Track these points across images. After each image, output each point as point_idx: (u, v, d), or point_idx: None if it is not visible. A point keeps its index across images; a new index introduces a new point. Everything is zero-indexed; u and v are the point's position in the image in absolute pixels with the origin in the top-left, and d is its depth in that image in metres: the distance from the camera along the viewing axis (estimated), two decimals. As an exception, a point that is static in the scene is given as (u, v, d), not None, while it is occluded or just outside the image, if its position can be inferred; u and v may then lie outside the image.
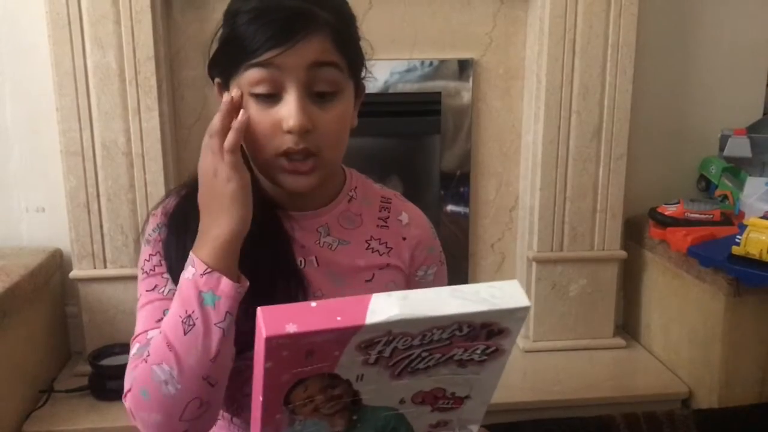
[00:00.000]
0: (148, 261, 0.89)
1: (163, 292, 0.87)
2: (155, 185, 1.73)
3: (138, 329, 0.88)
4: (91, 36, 1.65)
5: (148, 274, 0.89)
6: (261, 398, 0.62)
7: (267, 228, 0.87)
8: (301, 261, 0.90)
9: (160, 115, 1.71)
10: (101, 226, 1.74)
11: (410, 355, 0.64)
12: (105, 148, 1.70)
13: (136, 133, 1.71)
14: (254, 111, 0.82)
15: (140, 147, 1.71)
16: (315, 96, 0.83)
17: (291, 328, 0.57)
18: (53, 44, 1.65)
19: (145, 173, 1.73)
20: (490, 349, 0.67)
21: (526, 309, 0.64)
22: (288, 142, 0.82)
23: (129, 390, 0.83)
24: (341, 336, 0.59)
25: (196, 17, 1.78)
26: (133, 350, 0.87)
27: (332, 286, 0.91)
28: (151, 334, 0.85)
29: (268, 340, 0.57)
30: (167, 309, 0.82)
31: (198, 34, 1.77)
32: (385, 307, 0.60)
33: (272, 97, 0.82)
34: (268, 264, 0.87)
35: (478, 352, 0.66)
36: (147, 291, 0.89)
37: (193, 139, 1.83)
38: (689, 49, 2.04)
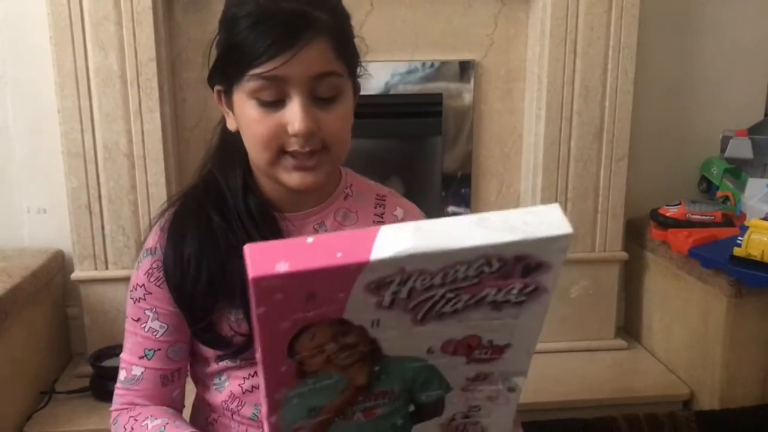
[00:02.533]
0: (136, 290, 0.93)
1: (144, 328, 0.92)
2: (157, 187, 1.73)
3: (124, 353, 0.95)
4: (93, 37, 1.65)
5: (134, 301, 0.93)
6: (260, 348, 0.54)
7: (262, 232, 0.89)
8: None
9: (162, 116, 1.71)
10: (103, 228, 1.74)
11: (432, 296, 0.54)
12: (106, 149, 1.70)
13: (137, 134, 1.71)
14: (257, 113, 0.83)
15: (142, 148, 1.71)
16: (318, 100, 0.83)
17: (282, 268, 0.49)
18: (55, 45, 1.65)
19: (146, 175, 1.73)
20: (529, 288, 0.56)
21: (567, 237, 0.53)
22: (293, 144, 0.83)
23: (113, 421, 0.94)
24: (344, 275, 0.51)
25: (198, 19, 1.78)
26: (121, 376, 0.94)
27: None
28: (135, 370, 0.93)
29: (255, 281, 0.49)
30: (147, 348, 0.92)
31: (200, 35, 1.77)
32: (395, 240, 0.51)
33: (276, 102, 0.83)
34: None
35: (515, 292, 0.56)
36: (132, 319, 0.94)
37: (194, 141, 1.83)
38: (690, 50, 2.03)
